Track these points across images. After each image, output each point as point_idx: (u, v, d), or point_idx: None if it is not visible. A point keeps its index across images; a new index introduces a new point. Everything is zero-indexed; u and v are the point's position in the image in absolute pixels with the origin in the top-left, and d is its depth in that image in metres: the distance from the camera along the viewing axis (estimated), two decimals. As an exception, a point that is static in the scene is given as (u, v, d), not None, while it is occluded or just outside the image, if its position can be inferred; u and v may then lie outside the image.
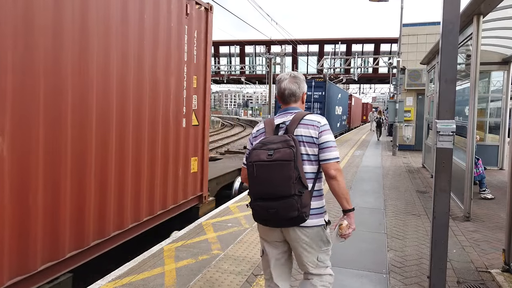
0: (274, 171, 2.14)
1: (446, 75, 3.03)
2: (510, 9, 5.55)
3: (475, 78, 5.79)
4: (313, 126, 2.33)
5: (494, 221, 5.83)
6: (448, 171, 3.13)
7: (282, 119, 2.42)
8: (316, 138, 2.31)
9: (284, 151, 2.15)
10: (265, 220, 2.29)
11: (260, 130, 2.47)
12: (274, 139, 2.26)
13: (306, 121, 2.34)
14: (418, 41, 16.35)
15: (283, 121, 2.40)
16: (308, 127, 2.33)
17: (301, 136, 2.31)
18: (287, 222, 2.24)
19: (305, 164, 2.29)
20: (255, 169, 2.19)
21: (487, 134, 11.27)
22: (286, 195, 2.13)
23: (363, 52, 42.66)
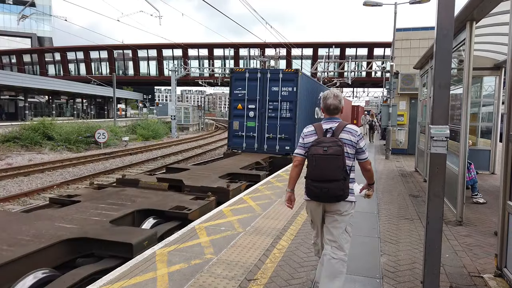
0: (329, 162, 3.06)
1: (440, 80, 3.04)
2: (502, 15, 5.60)
3: (467, 83, 5.83)
4: (352, 134, 3.28)
5: (487, 226, 5.86)
6: (442, 176, 3.14)
7: (329, 125, 3.33)
8: (354, 143, 3.26)
9: (335, 148, 3.06)
10: (317, 196, 3.18)
11: (311, 131, 3.39)
12: (326, 139, 3.17)
13: (348, 129, 3.29)
14: (411, 46, 16.48)
15: (330, 127, 3.31)
16: (349, 134, 3.27)
17: (344, 139, 3.22)
18: (333, 198, 3.14)
19: (346, 159, 3.14)
20: (314, 160, 3.09)
21: (479, 139, 11.37)
22: (336, 179, 3.06)
23: (357, 56, 42.91)
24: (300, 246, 4.79)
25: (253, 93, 13.85)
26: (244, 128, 14.01)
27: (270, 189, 8.15)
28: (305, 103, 15.26)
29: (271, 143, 13.86)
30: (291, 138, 13.58)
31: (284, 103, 13.70)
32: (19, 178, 12.70)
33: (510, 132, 3.78)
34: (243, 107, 13.95)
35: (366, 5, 15.56)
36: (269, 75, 13.78)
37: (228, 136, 14.61)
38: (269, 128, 13.85)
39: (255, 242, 4.85)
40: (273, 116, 13.81)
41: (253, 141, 14.01)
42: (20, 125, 23.06)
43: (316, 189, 3.13)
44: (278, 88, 13.71)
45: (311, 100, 16.92)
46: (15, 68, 54.07)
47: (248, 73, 13.97)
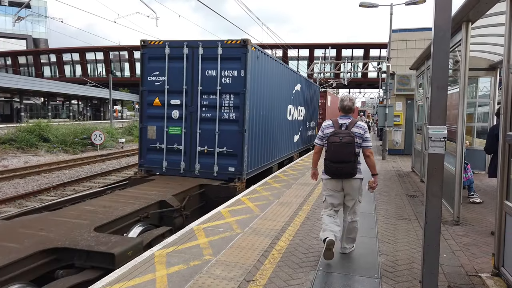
0: (343, 148, 4.18)
1: (438, 82, 3.06)
2: (497, 16, 5.64)
3: (464, 84, 5.86)
4: (361, 128, 4.37)
5: (483, 225, 5.89)
6: (440, 176, 3.16)
7: (344, 121, 4.42)
8: (362, 134, 4.35)
9: (348, 138, 4.19)
10: (334, 174, 4.31)
11: (329, 125, 4.44)
12: (341, 131, 4.27)
13: (358, 125, 4.37)
14: (407, 47, 16.55)
15: (344, 122, 4.39)
16: (359, 128, 4.36)
17: (355, 132, 4.30)
18: (347, 175, 4.29)
19: (356, 147, 4.24)
20: (333, 146, 4.22)
21: (475, 139, 11.43)
22: (349, 161, 4.20)
23: (353, 57, 43.04)
24: (298, 246, 4.80)
25: (177, 81, 8.66)
26: (165, 137, 8.81)
27: (268, 190, 8.16)
28: (265, 97, 9.88)
29: (206, 161, 8.62)
30: (238, 153, 8.42)
31: (227, 97, 8.45)
32: (15, 180, 12.63)
33: (507, 132, 3.81)
34: (162, 103, 8.80)
35: (362, 6, 15.64)
36: (202, 51, 8.43)
37: (140, 149, 9.20)
38: (202, 137, 8.62)
39: (254, 243, 4.86)
40: (209, 117, 8.56)
41: (179, 157, 8.78)
42: (15, 127, 22.94)
43: (333, 168, 4.27)
44: (216, 72, 8.43)
45: (279, 92, 11.45)
46: (10, 70, 53.82)
47: (169, 48, 8.66)
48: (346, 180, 4.35)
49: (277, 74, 10.98)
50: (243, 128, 8.37)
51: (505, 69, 3.84)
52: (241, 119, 8.41)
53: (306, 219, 6.03)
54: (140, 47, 8.95)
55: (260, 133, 9.67)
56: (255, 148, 9.30)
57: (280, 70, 11.37)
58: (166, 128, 8.84)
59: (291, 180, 9.44)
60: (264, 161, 10.27)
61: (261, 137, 9.74)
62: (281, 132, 12.07)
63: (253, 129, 9.07)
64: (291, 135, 13.64)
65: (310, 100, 17.17)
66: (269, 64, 10.21)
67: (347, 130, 4.28)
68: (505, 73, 3.87)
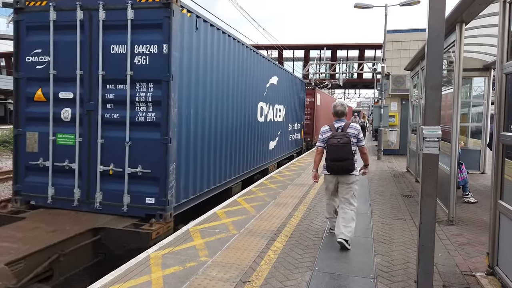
0: (341, 148, 4.74)
1: (432, 82, 3.08)
2: (491, 17, 5.68)
3: (458, 84, 5.91)
4: (355, 129, 4.96)
5: (478, 225, 5.93)
6: (434, 176, 3.18)
7: (339, 124, 4.99)
8: (356, 135, 4.92)
9: (345, 139, 4.75)
10: (335, 171, 4.89)
11: (327, 129, 5.01)
12: (338, 134, 4.83)
13: (351, 126, 4.95)
14: (402, 48, 16.64)
15: (340, 125, 4.97)
16: (353, 129, 4.93)
17: (350, 133, 4.87)
18: (345, 172, 4.85)
19: (352, 146, 4.81)
20: (332, 148, 4.79)
21: (469, 139, 11.50)
22: (347, 158, 4.75)
23: (348, 57, 43.16)
24: (294, 247, 4.80)
25: (68, 63, 5.65)
26: (50, 149, 5.77)
27: (263, 190, 8.16)
28: (212, 89, 6.93)
29: (113, 188, 5.59)
30: (160, 175, 5.44)
31: (143, 87, 5.52)
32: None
33: (501, 132, 3.84)
34: (46, 97, 5.80)
35: (357, 7, 15.70)
36: (104, 15, 5.47)
37: (15, 168, 5.98)
38: (106, 149, 5.63)
39: (250, 244, 4.85)
40: (115, 119, 5.59)
41: (71, 181, 5.71)
42: (10, 129, 22.79)
43: (334, 166, 4.85)
44: (126, 48, 5.49)
45: (243, 85, 8.50)
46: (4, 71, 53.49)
47: (55, 12, 5.67)
48: (343, 176, 4.95)
49: (238, 58, 8.10)
50: (167, 136, 5.33)
51: (498, 69, 3.87)
52: (164, 121, 5.32)
53: (302, 219, 6.04)
54: (14, 11, 5.85)
55: (203, 142, 6.58)
56: (194, 166, 6.28)
57: (243, 54, 8.37)
58: (52, 136, 5.70)
59: (287, 181, 9.45)
60: (211, 184, 7.02)
61: (205, 149, 6.65)
62: (246, 139, 8.90)
63: (188, 137, 6.00)
64: (264, 142, 10.48)
65: (293, 98, 14.24)
66: (222, 42, 7.07)
67: (343, 132, 4.86)
68: (498, 74, 3.90)
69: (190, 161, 6.13)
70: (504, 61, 3.81)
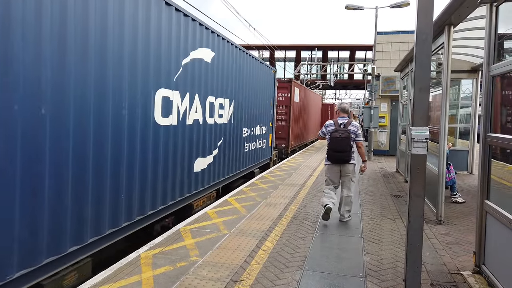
0: (342, 141, 5.63)
1: (420, 84, 3.13)
2: (479, 20, 5.78)
3: (446, 86, 5.99)
4: (355, 127, 5.79)
5: (465, 224, 6.02)
6: (422, 176, 3.23)
7: (342, 121, 5.85)
8: (355, 131, 5.75)
9: (346, 134, 5.64)
10: (335, 160, 5.78)
11: (331, 123, 5.90)
12: (340, 129, 5.71)
13: (352, 124, 5.81)
14: (392, 49, 16.80)
15: (342, 122, 5.82)
16: (353, 127, 5.77)
17: (350, 130, 5.73)
18: (344, 161, 5.75)
19: (350, 140, 5.69)
20: (334, 141, 5.71)
21: (457, 140, 11.66)
22: (346, 150, 5.65)
23: (339, 58, 43.36)
24: (285, 246, 4.83)
25: None
26: None
27: (255, 190, 8.18)
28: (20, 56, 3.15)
29: None
30: None
31: None
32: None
33: (487, 133, 3.91)
34: None
35: (348, 9, 15.80)
36: None
37: None
38: None
39: (241, 244, 4.87)
40: None
41: None
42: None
43: (334, 155, 5.80)
44: None
45: (96, 50, 4.04)
46: None
47: None
48: (343, 165, 5.84)
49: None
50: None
51: (485, 72, 3.95)
52: None
53: (293, 219, 6.07)
54: None
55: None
56: None
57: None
58: None
59: (278, 181, 9.48)
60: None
61: None
62: (122, 160, 4.67)
63: None
64: (180, 160, 6.17)
65: (252, 90, 9.91)
66: None
67: (344, 128, 5.76)
68: (485, 76, 3.97)
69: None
70: (491, 63, 3.89)
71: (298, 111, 16.97)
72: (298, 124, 17.27)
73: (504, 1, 3.73)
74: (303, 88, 18.66)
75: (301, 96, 17.69)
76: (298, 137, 17.80)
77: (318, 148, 19.15)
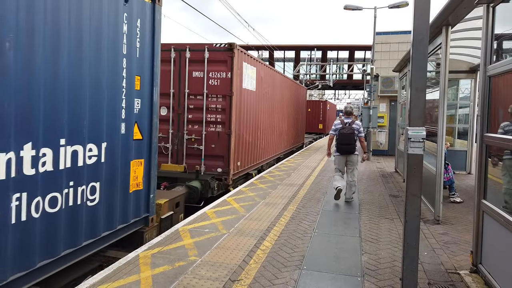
0: (348, 136, 7.12)
1: (417, 84, 3.15)
2: (476, 20, 5.80)
3: (444, 86, 6.01)
4: (358, 125, 7.25)
5: (463, 224, 6.04)
6: (419, 176, 3.25)
7: (347, 120, 7.26)
8: (358, 129, 7.21)
9: (351, 131, 7.12)
10: (343, 151, 7.23)
11: (339, 123, 7.31)
12: (346, 127, 7.17)
13: (356, 123, 7.24)
14: (391, 49, 16.83)
15: (348, 121, 7.22)
16: (356, 125, 7.22)
17: (354, 127, 7.16)
18: (350, 152, 7.23)
19: (354, 135, 7.13)
20: (341, 135, 7.17)
21: (456, 140, 11.68)
22: (351, 143, 7.15)
23: (338, 58, 43.38)
24: (283, 246, 4.85)
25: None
26: None
27: (253, 190, 8.20)
28: None
29: None
30: None
31: None
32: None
33: (484, 133, 3.93)
34: None
35: (347, 9, 15.82)
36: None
37: None
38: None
39: (239, 243, 4.89)
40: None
41: None
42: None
43: (342, 147, 7.21)
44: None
45: None
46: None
47: None
48: (349, 155, 7.27)
49: None
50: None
51: (482, 72, 3.97)
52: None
53: (291, 219, 6.09)
54: None
55: None
56: None
57: None
58: None
59: (277, 180, 9.50)
60: None
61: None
62: None
63: None
64: None
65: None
66: None
67: (349, 126, 7.17)
68: (482, 76, 3.99)
69: None
70: (488, 63, 3.91)
71: (253, 108, 10.26)
72: (255, 130, 10.53)
73: (500, 1, 3.75)
74: (264, 67, 11.27)
75: (262, 81, 10.89)
76: (254, 153, 10.62)
77: (318, 148, 19.17)
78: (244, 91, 9.34)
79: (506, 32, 3.88)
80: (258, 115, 10.87)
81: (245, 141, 9.73)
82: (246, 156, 9.86)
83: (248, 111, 9.82)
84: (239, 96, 8.93)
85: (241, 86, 9.10)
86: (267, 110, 11.94)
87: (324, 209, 6.78)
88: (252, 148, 10.42)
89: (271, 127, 12.67)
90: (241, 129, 9.31)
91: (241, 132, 9.32)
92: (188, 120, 8.71)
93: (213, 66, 8.55)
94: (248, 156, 10.04)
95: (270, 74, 12.22)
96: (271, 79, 12.22)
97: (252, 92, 10.03)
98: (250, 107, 10.02)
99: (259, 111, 10.88)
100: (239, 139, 9.18)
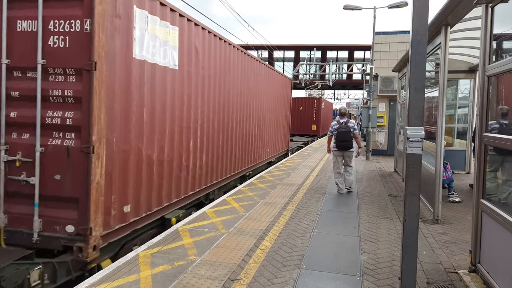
0: (345, 134, 8.09)
1: (416, 84, 3.16)
2: (475, 20, 5.81)
3: (443, 86, 6.03)
4: (353, 123, 8.23)
5: (462, 224, 6.06)
6: (418, 175, 3.26)
7: (343, 120, 8.20)
8: (353, 126, 8.19)
9: (347, 129, 8.12)
10: (341, 147, 8.15)
11: (336, 123, 8.24)
12: (343, 126, 8.14)
13: (351, 122, 8.24)
14: (390, 49, 16.83)
15: (343, 121, 8.17)
16: (352, 124, 8.21)
17: (350, 126, 8.14)
18: (347, 148, 8.18)
19: (350, 133, 8.13)
20: (340, 133, 8.10)
21: (455, 139, 11.69)
22: (348, 140, 8.12)
23: (338, 58, 43.39)
24: (283, 246, 4.86)
25: None
26: None
27: (253, 190, 8.21)
28: None
29: None
30: None
31: None
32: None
33: (483, 133, 3.94)
34: None
35: (346, 9, 15.82)
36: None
37: None
38: None
39: (239, 243, 4.90)
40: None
41: None
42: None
43: (340, 144, 8.07)
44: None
45: None
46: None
47: None
48: (346, 151, 8.17)
49: None
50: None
51: (481, 72, 3.98)
52: None
53: (291, 219, 6.10)
54: None
55: None
56: None
57: None
58: None
59: (276, 180, 9.51)
60: None
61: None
62: None
63: None
64: None
65: None
66: None
67: (345, 125, 8.07)
68: (481, 76, 4.00)
69: None
70: (487, 63, 3.92)
71: (173, 100, 6.07)
72: (176, 139, 6.23)
73: (499, 2, 3.76)
74: (205, 32, 7.16)
75: (198, 55, 6.87)
76: (176, 183, 6.27)
77: (317, 148, 19.18)
78: (141, 64, 5.12)
79: (505, 32, 3.90)
80: (188, 113, 6.58)
81: (149, 162, 5.40)
82: (149, 190, 5.47)
83: (156, 103, 5.53)
84: (120, 71, 4.69)
85: (129, 52, 4.86)
86: (212, 106, 7.62)
87: (324, 209, 6.79)
88: (168, 175, 5.99)
89: (222, 132, 8.35)
90: (135, 138, 5.06)
91: (134, 145, 5.06)
92: (8, 123, 4.45)
93: (57, 9, 4.32)
94: (156, 190, 5.66)
95: (218, 46, 7.79)
96: (221, 56, 7.96)
97: (168, 71, 5.84)
98: (163, 98, 5.75)
99: (189, 105, 6.61)
100: (127, 159, 4.90)
